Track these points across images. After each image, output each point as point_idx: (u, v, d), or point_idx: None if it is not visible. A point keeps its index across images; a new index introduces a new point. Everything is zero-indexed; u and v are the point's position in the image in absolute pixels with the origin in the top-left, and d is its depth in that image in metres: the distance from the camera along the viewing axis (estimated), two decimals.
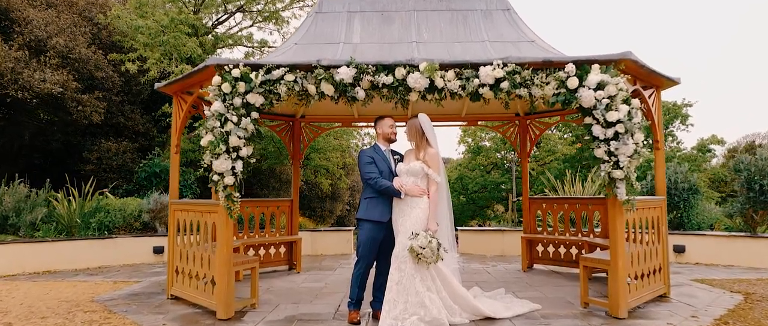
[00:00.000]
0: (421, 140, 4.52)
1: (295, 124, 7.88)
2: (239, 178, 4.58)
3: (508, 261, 8.60)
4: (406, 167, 4.47)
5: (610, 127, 4.44)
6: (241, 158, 4.56)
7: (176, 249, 5.51)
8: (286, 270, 7.60)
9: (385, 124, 4.71)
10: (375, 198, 4.48)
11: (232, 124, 4.47)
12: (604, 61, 4.53)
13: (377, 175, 4.45)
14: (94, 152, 12.27)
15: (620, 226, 4.66)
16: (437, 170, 4.42)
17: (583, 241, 6.95)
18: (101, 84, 12.62)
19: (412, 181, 4.42)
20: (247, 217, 7.43)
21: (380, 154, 4.62)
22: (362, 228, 4.50)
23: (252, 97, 4.51)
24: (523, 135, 7.84)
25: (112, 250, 8.39)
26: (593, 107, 4.49)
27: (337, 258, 9.13)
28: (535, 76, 4.53)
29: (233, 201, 4.57)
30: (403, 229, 4.30)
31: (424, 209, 4.33)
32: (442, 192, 4.44)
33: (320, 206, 18.74)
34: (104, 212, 9.03)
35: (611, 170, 4.44)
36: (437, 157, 4.47)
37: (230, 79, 4.48)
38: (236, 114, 4.48)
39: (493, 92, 4.57)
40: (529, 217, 7.75)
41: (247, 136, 4.56)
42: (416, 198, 4.35)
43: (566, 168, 17.43)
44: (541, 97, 4.59)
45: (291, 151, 7.91)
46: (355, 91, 4.57)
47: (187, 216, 5.32)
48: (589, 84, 4.46)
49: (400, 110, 5.32)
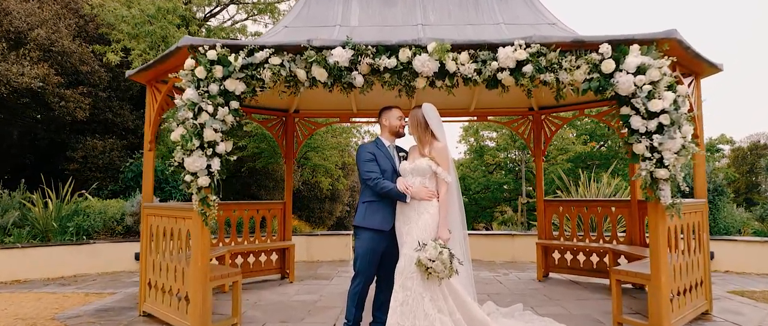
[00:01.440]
0: (426, 133, 3.85)
1: (288, 119, 7.21)
2: (216, 179, 3.90)
3: (520, 268, 7.92)
4: (411, 166, 3.80)
5: (652, 119, 3.77)
6: (218, 155, 3.89)
7: (149, 259, 4.84)
8: (278, 280, 6.93)
9: (393, 115, 4.04)
10: (375, 203, 3.80)
11: (207, 114, 3.80)
12: (645, 41, 3.86)
13: (378, 175, 3.77)
14: (79, 150, 11.60)
15: (663, 235, 3.98)
16: (447, 167, 3.74)
17: (606, 249, 6.27)
18: (87, 79, 11.95)
19: (418, 182, 3.74)
20: (234, 222, 6.76)
21: (383, 150, 3.95)
22: (360, 238, 3.82)
23: (231, 84, 3.84)
24: (537, 131, 7.17)
25: (89, 257, 7.72)
26: (632, 95, 3.82)
27: (334, 265, 8.46)
28: (563, 59, 3.86)
29: (209, 205, 3.90)
30: (409, 239, 3.62)
31: (433, 215, 3.65)
32: (453, 194, 3.76)
33: (319, 207, 18.05)
34: (83, 215, 8.36)
35: (654, 169, 3.76)
36: (446, 151, 3.79)
37: (205, 62, 3.81)
38: (212, 103, 3.81)
39: (514, 78, 3.90)
40: (544, 221, 7.07)
41: (226, 129, 3.89)
42: (424, 202, 3.67)
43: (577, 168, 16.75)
44: (569, 83, 3.92)
45: (284, 149, 7.24)
46: (352, 76, 3.90)
47: (161, 221, 4.65)
48: (628, 67, 3.79)
49: (405, 101, 4.65)
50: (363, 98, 6.92)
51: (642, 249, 5.97)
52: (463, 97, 6.89)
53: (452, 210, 3.71)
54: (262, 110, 7.04)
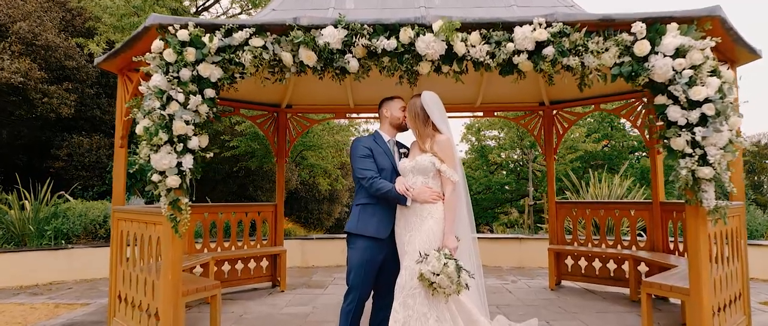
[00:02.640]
0: (426, 126, 3.30)
1: (280, 115, 6.69)
2: (189, 179, 3.38)
3: (529, 275, 7.39)
4: (411, 163, 3.26)
5: (693, 109, 3.25)
6: (190, 151, 3.36)
7: (119, 269, 4.31)
8: (268, 288, 6.41)
9: (394, 106, 3.52)
10: (371, 206, 3.28)
11: (177, 104, 3.28)
12: (684, 19, 3.34)
13: (374, 174, 3.25)
14: (64, 148, 11.06)
15: (704, 244, 3.45)
16: (453, 164, 3.20)
17: (625, 255, 5.74)
18: (73, 74, 11.41)
19: (420, 182, 3.21)
20: (221, 225, 6.23)
21: (382, 145, 3.42)
22: (354, 247, 3.29)
23: (205, 69, 3.32)
24: (548, 128, 6.64)
25: (67, 263, 7.19)
26: (669, 82, 3.30)
27: (330, 270, 7.93)
28: (590, 40, 3.34)
29: (180, 209, 3.37)
30: (410, 249, 3.10)
31: (438, 219, 3.12)
32: (460, 195, 3.22)
33: (317, 208, 17.54)
34: (63, 217, 7.84)
35: (696, 167, 3.23)
36: (450, 145, 3.25)
37: (175, 43, 3.29)
38: (183, 91, 3.28)
39: (532, 62, 3.37)
40: (556, 225, 6.55)
41: (200, 121, 3.37)
42: (427, 205, 3.14)
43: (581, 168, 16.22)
44: (596, 68, 3.40)
45: (275, 147, 6.71)
46: (345, 59, 3.38)
47: (131, 227, 4.13)
48: (665, 49, 3.27)
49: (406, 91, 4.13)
50: (360, 92, 6.40)
51: (665, 255, 5.45)
52: (468, 91, 6.38)
53: (460, 213, 3.18)
54: (251, 105, 6.52)
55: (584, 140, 15.75)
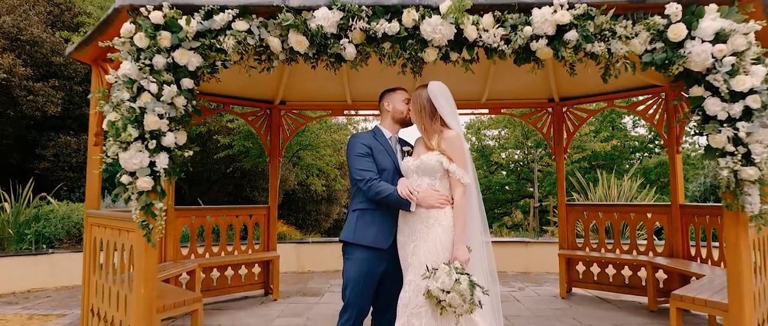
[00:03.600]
0: (433, 120, 2.88)
1: (274, 111, 6.29)
2: (164, 180, 2.98)
3: (537, 281, 7.00)
4: (415, 163, 2.86)
5: (736, 101, 2.86)
6: (165, 149, 2.96)
7: (93, 279, 3.91)
8: (260, 297, 6.01)
9: (397, 98, 3.12)
10: (370, 212, 2.88)
11: (149, 95, 2.88)
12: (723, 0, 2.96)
13: (374, 175, 2.85)
14: (50, 148, 10.65)
15: (746, 253, 3.05)
16: (463, 163, 2.79)
17: (642, 262, 5.35)
18: (60, 71, 11.01)
19: (426, 184, 2.81)
20: (209, 230, 5.84)
21: (382, 142, 3.03)
22: (350, 259, 2.90)
23: (182, 55, 2.92)
24: (557, 125, 6.26)
25: (47, 269, 6.78)
26: (708, 70, 2.92)
27: (327, 276, 7.53)
28: (617, 24, 2.95)
29: (154, 215, 2.98)
30: (415, 261, 2.70)
31: (447, 227, 2.73)
32: (472, 199, 2.81)
33: (315, 209, 17.16)
34: (44, 220, 7.43)
35: (739, 167, 2.85)
36: (460, 141, 2.83)
37: (148, 26, 2.89)
38: (156, 80, 2.88)
39: (552, 48, 2.98)
40: (566, 229, 6.17)
41: (176, 115, 2.97)
42: (434, 211, 2.74)
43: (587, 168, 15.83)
44: (623, 56, 3.01)
45: (268, 146, 6.31)
46: (341, 45, 2.98)
47: (105, 233, 3.73)
48: (703, 34, 2.88)
49: (409, 82, 3.74)
50: (359, 87, 6.01)
51: (685, 262, 5.08)
52: (473, 86, 5.99)
53: (472, 220, 2.78)
54: (242, 101, 6.12)
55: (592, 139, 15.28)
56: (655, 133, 21.32)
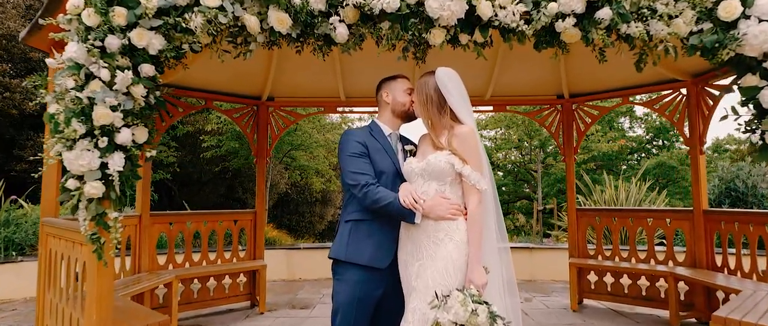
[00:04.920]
0: (442, 113, 2.39)
1: (261, 108, 5.81)
2: (118, 187, 2.49)
3: (543, 290, 6.55)
4: (421, 164, 2.36)
5: None
6: (121, 148, 2.48)
7: (47, 297, 3.42)
8: (246, 309, 5.52)
9: (397, 87, 2.62)
10: (366, 224, 2.40)
11: (99, 82, 2.40)
12: None
13: (370, 179, 2.36)
14: (28, 148, 10.10)
15: None
16: (478, 164, 2.30)
17: (661, 272, 4.91)
18: (40, 66, 10.47)
19: (434, 190, 2.32)
20: (189, 237, 5.35)
21: (380, 139, 2.54)
22: (341, 280, 2.41)
23: (141, 36, 2.43)
24: (567, 123, 5.81)
25: (14, 278, 6.26)
26: (765, 55, 2.47)
27: (319, 285, 7.05)
28: (658, 1, 2.50)
29: (108, 227, 2.49)
30: (420, 284, 2.22)
31: (459, 244, 2.24)
32: (489, 209, 2.34)
33: (309, 211, 16.70)
34: (15, 225, 6.91)
35: None
36: (474, 139, 2.33)
37: (98, 1, 2.41)
38: (109, 65, 2.40)
39: (580, 29, 2.52)
40: (577, 235, 5.72)
41: (134, 107, 2.49)
42: (444, 223, 2.26)
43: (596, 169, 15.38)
44: (663, 38, 2.56)
45: (254, 146, 5.83)
46: (331, 25, 2.51)
47: (59, 246, 3.24)
48: (761, 11, 2.44)
49: (410, 70, 3.28)
50: (353, 82, 5.53)
51: (710, 273, 4.64)
52: (477, 80, 5.54)
53: (488, 234, 2.30)
54: (226, 97, 5.64)
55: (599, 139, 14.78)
56: (653, 133, 20.99)
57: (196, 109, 6.30)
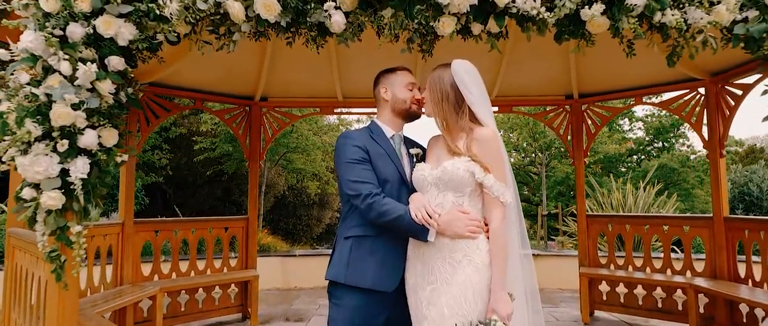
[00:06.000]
0: (460, 113, 2.07)
1: (254, 109, 5.50)
2: (83, 196, 2.18)
3: (550, 300, 6.24)
4: (435, 172, 2.03)
5: None
6: (85, 152, 2.16)
7: (12, 315, 3.10)
8: (237, 321, 5.21)
9: (398, 81, 2.29)
10: (369, 240, 2.08)
11: (59, 76, 2.09)
12: None
13: (374, 188, 2.04)
14: None
15: None
16: (502, 174, 1.98)
17: (681, 284, 4.61)
18: None
19: (450, 203, 2.00)
20: (176, 246, 5.03)
21: (382, 142, 2.22)
22: (339, 305, 2.09)
23: (108, 24, 2.12)
24: (576, 125, 5.51)
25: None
26: None
27: (315, 294, 6.73)
28: None
29: (70, 243, 2.17)
30: (434, 314, 1.89)
31: (480, 266, 1.92)
32: (512, 224, 2.02)
33: (306, 214, 16.42)
34: None
35: None
36: (497, 144, 2.02)
37: None
38: (70, 57, 2.09)
39: (608, 16, 2.22)
40: (588, 243, 5.42)
41: (101, 105, 2.17)
42: (462, 242, 1.94)
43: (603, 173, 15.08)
44: (702, 28, 2.26)
45: (247, 148, 5.51)
46: (325, 12, 2.21)
47: (25, 260, 2.92)
48: None
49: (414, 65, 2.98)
50: (351, 80, 5.23)
51: (733, 285, 4.35)
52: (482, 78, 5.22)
53: (512, 253, 1.98)
54: (217, 96, 5.33)
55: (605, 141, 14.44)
56: (652, 135, 20.74)
57: (184, 109, 5.99)
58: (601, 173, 15.64)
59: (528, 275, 2.14)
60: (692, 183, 17.01)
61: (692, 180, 17.08)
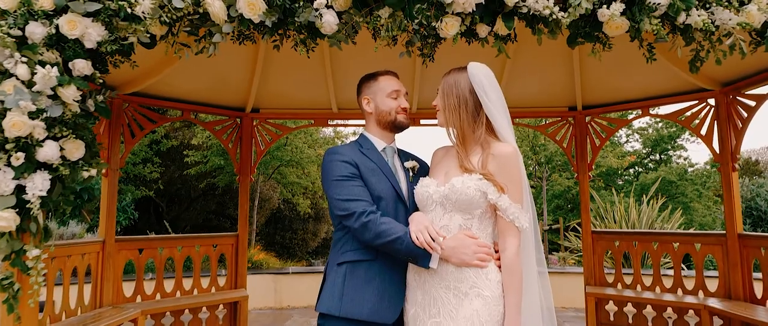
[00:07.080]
0: (476, 123, 1.83)
1: (244, 121, 5.26)
2: (42, 216, 1.94)
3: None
4: (442, 190, 1.79)
5: None
6: (45, 166, 1.93)
7: None
8: None
9: (380, 89, 2.06)
10: (365, 266, 1.84)
11: (15, 81, 1.86)
12: None
13: (368, 206, 1.81)
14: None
15: None
16: (519, 196, 1.75)
17: (693, 305, 4.37)
18: None
19: (458, 225, 1.77)
20: (161, 265, 4.76)
21: (373, 156, 1.99)
22: None
23: (72, 24, 1.91)
24: (580, 138, 5.30)
25: None
26: None
27: (309, 314, 6.46)
28: None
29: (27, 269, 1.93)
30: None
31: (490, 300, 1.68)
32: (529, 251, 1.79)
33: (302, 228, 16.15)
34: None
35: None
36: (517, 163, 1.78)
37: None
38: (28, 59, 1.87)
39: (628, 17, 2.02)
40: (593, 260, 5.18)
41: (65, 114, 1.95)
42: (471, 271, 1.70)
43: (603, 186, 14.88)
44: (730, 30, 2.06)
45: (237, 162, 5.27)
46: (316, 12, 1.99)
47: None
48: None
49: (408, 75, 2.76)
50: (347, 91, 5.01)
51: (749, 306, 4.10)
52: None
53: (529, 284, 1.75)
54: (207, 108, 5.10)
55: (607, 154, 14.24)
56: (649, 148, 20.62)
57: (170, 120, 5.76)
58: (601, 187, 15.46)
59: (544, 290, 1.96)
60: (690, 197, 16.84)
61: (690, 194, 16.91)
